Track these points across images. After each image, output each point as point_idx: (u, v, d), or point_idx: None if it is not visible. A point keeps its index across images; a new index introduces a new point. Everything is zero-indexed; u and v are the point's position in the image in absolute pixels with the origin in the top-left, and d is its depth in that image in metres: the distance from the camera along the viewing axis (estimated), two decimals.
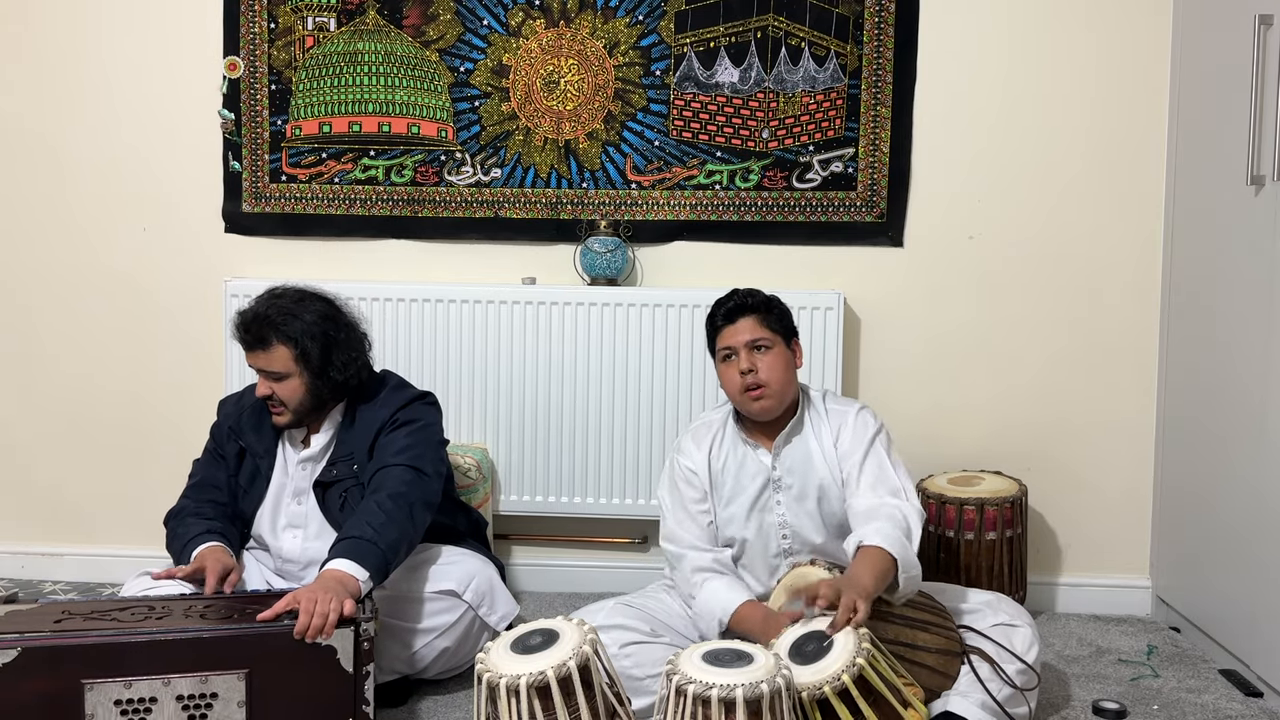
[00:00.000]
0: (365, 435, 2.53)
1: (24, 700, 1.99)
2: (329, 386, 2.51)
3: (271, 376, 2.48)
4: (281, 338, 2.46)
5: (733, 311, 2.46)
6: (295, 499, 2.56)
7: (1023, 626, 2.34)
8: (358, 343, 2.56)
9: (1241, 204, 2.64)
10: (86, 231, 3.28)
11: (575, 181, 3.17)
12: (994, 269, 3.14)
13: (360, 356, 2.55)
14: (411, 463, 2.45)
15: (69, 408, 3.32)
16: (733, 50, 3.11)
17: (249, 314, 2.50)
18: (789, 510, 2.47)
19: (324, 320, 2.50)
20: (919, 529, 2.31)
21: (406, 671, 2.48)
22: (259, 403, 2.56)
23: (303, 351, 2.46)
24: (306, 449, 2.57)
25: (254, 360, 2.50)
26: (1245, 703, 2.54)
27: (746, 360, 2.42)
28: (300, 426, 2.57)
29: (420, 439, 2.52)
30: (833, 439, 2.48)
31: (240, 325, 2.50)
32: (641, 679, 2.26)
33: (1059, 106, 3.08)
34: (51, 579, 3.33)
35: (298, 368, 2.47)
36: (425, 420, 2.57)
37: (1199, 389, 2.89)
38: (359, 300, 2.96)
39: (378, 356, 2.73)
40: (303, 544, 2.54)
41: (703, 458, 2.51)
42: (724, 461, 2.51)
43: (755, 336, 2.43)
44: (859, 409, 2.52)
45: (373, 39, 3.18)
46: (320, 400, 2.53)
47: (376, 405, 2.56)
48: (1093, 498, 3.16)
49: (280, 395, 2.48)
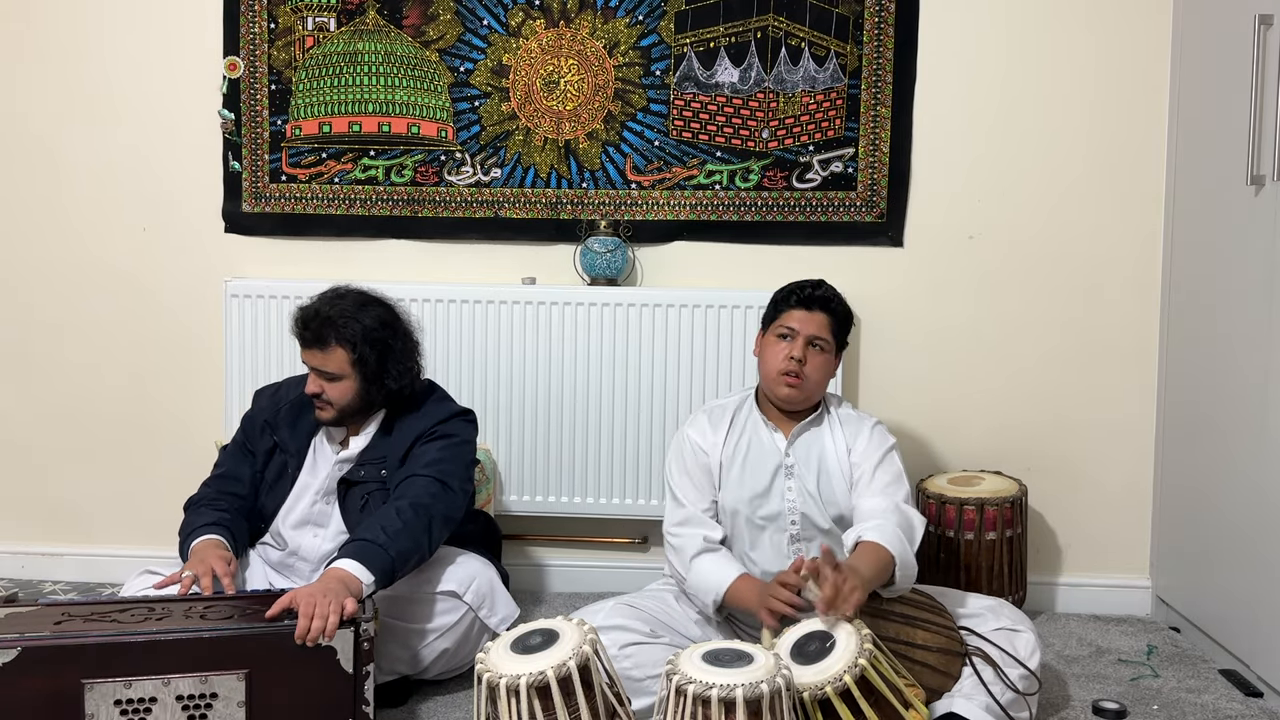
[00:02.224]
0: (402, 443, 2.53)
1: (24, 700, 1.99)
2: (381, 393, 2.51)
3: (325, 376, 2.48)
4: (340, 339, 2.46)
5: (812, 301, 2.51)
6: (323, 498, 2.56)
7: (1025, 632, 2.35)
8: (413, 351, 2.57)
9: (1241, 204, 2.64)
10: (86, 231, 3.28)
11: (575, 181, 3.17)
12: (994, 269, 3.14)
13: (415, 366, 2.56)
14: (439, 476, 2.46)
15: (69, 407, 3.32)
16: (733, 50, 3.11)
17: (310, 311, 2.50)
18: (799, 496, 2.48)
19: (383, 327, 2.51)
20: (920, 534, 2.34)
21: (407, 672, 2.48)
22: (299, 398, 2.57)
23: (360, 356, 2.46)
24: (345, 450, 2.57)
25: (309, 358, 2.49)
26: (1245, 703, 2.54)
27: (801, 349, 2.47)
28: (341, 425, 2.57)
29: (452, 454, 2.52)
30: (846, 445, 2.52)
31: (300, 321, 2.50)
32: (641, 679, 2.26)
33: (1059, 106, 3.08)
34: (51, 579, 3.33)
35: (353, 371, 2.47)
36: (462, 437, 2.57)
37: (1199, 388, 2.89)
38: None
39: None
40: (321, 543, 2.54)
41: (719, 439, 2.54)
42: (739, 443, 2.53)
43: (819, 335, 2.50)
44: (875, 423, 2.57)
45: (373, 39, 3.18)
46: (369, 405, 2.53)
47: (418, 416, 2.56)
48: (1093, 497, 3.16)
49: (330, 395, 2.49)
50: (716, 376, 3.07)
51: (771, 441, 2.53)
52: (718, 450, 2.53)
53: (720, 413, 2.59)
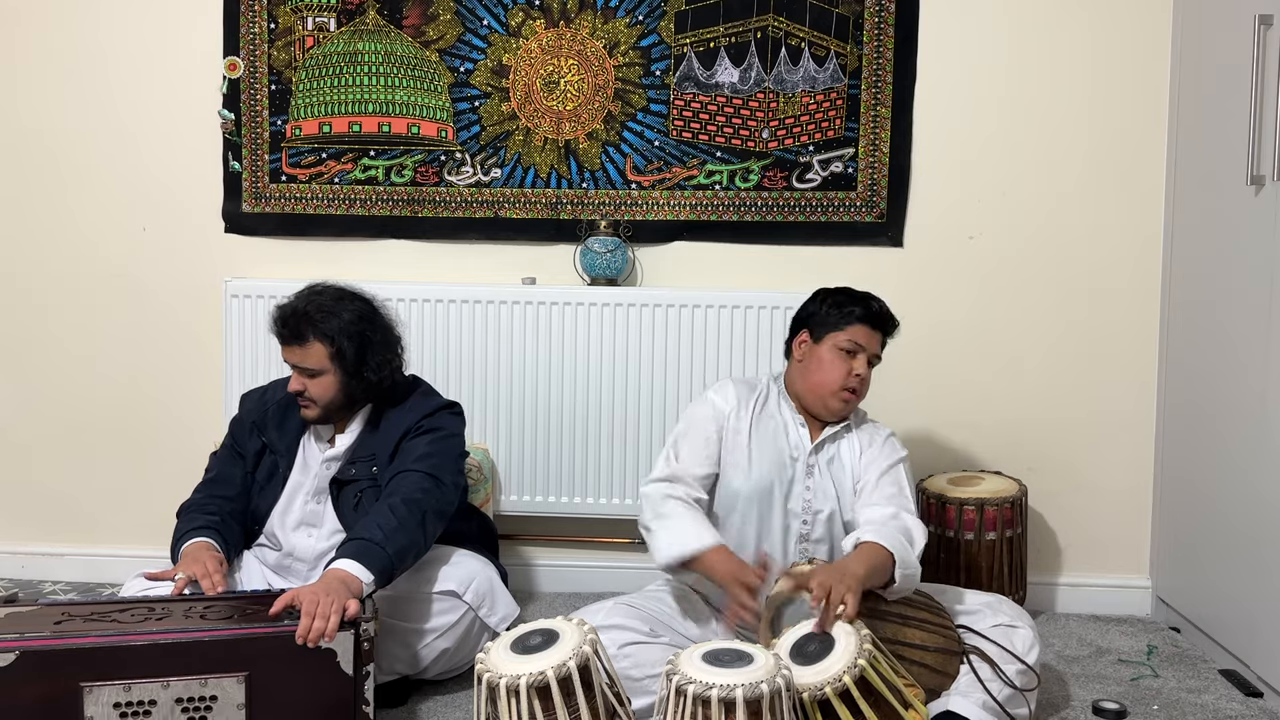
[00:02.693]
0: (389, 439, 2.53)
1: (23, 703, 1.98)
2: (361, 386, 2.51)
3: (305, 373, 2.48)
4: (318, 334, 2.46)
5: (879, 320, 2.51)
6: (315, 498, 2.56)
7: (1023, 628, 2.35)
8: (393, 345, 2.56)
9: (1241, 204, 2.64)
10: (86, 232, 3.28)
11: (575, 181, 3.17)
12: (994, 269, 3.13)
13: (394, 359, 2.56)
14: (430, 470, 2.45)
15: (69, 407, 3.32)
16: (733, 50, 3.11)
17: (288, 309, 2.50)
18: (815, 497, 2.48)
19: (361, 320, 2.51)
20: (922, 542, 2.32)
21: (407, 672, 2.48)
22: (285, 398, 2.57)
23: (338, 350, 2.46)
24: (332, 448, 2.57)
25: (289, 355, 2.50)
26: (1245, 703, 2.54)
27: (863, 367, 2.48)
28: (327, 424, 2.57)
29: (442, 448, 2.52)
30: (859, 451, 2.52)
31: (278, 319, 2.50)
32: (641, 679, 2.26)
33: (1059, 106, 3.08)
34: (51, 579, 3.33)
35: (332, 365, 2.47)
36: (450, 430, 2.57)
37: (1199, 388, 2.89)
38: None
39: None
40: (315, 543, 2.54)
41: (748, 414, 2.52)
42: (761, 426, 2.52)
43: (879, 353, 2.52)
44: (889, 434, 2.56)
45: (373, 39, 3.18)
46: (351, 399, 2.53)
47: (404, 410, 2.56)
48: (1093, 497, 3.16)
49: (312, 392, 2.49)
50: (716, 376, 3.06)
51: (799, 436, 2.52)
52: (740, 423, 2.50)
53: (749, 388, 2.57)
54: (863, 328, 2.49)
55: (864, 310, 2.50)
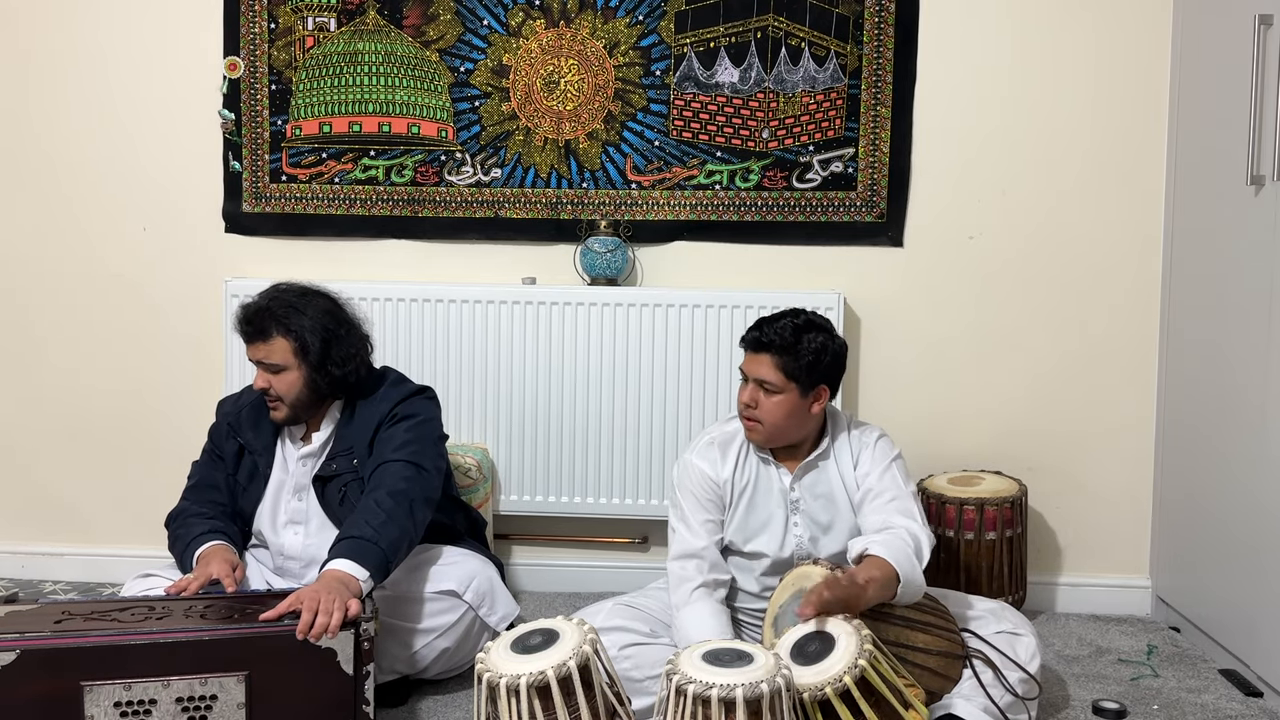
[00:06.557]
0: (365, 430, 2.53)
1: (23, 702, 1.99)
2: (327, 381, 2.51)
3: (270, 369, 2.49)
4: (281, 330, 2.47)
5: (752, 344, 2.42)
6: (296, 495, 2.57)
7: (1026, 636, 2.35)
8: (358, 340, 2.56)
9: (1241, 204, 2.64)
10: (86, 232, 3.28)
11: (575, 181, 3.17)
12: (994, 269, 3.14)
13: (360, 353, 2.56)
14: (411, 458, 2.46)
15: (69, 407, 3.32)
16: (733, 50, 3.11)
17: (251, 307, 2.51)
18: (805, 530, 2.45)
19: (325, 315, 2.51)
20: (928, 553, 2.29)
21: (406, 671, 2.49)
22: (258, 400, 2.57)
23: (302, 345, 2.47)
24: (307, 445, 2.57)
25: (254, 352, 2.50)
26: (1245, 703, 2.54)
27: (750, 394, 2.41)
28: (298, 423, 2.58)
29: (419, 434, 2.52)
30: (852, 463, 2.48)
31: (242, 317, 2.51)
32: (641, 680, 2.26)
33: (1059, 106, 3.08)
34: (51, 579, 3.33)
35: (296, 360, 2.47)
36: (425, 415, 2.57)
37: (1199, 389, 2.89)
38: (359, 300, 2.93)
39: (378, 357, 2.73)
40: (304, 541, 2.55)
41: (729, 470, 2.47)
42: (747, 475, 2.48)
43: (764, 378, 2.38)
44: (879, 435, 2.51)
45: (373, 39, 3.18)
46: (318, 395, 2.53)
47: (376, 400, 2.56)
48: (1093, 498, 3.16)
49: (278, 389, 2.49)
50: (716, 376, 3.07)
51: (776, 476, 2.48)
52: (729, 482, 2.46)
53: (727, 441, 2.50)
54: (747, 353, 2.43)
55: (746, 340, 2.44)
